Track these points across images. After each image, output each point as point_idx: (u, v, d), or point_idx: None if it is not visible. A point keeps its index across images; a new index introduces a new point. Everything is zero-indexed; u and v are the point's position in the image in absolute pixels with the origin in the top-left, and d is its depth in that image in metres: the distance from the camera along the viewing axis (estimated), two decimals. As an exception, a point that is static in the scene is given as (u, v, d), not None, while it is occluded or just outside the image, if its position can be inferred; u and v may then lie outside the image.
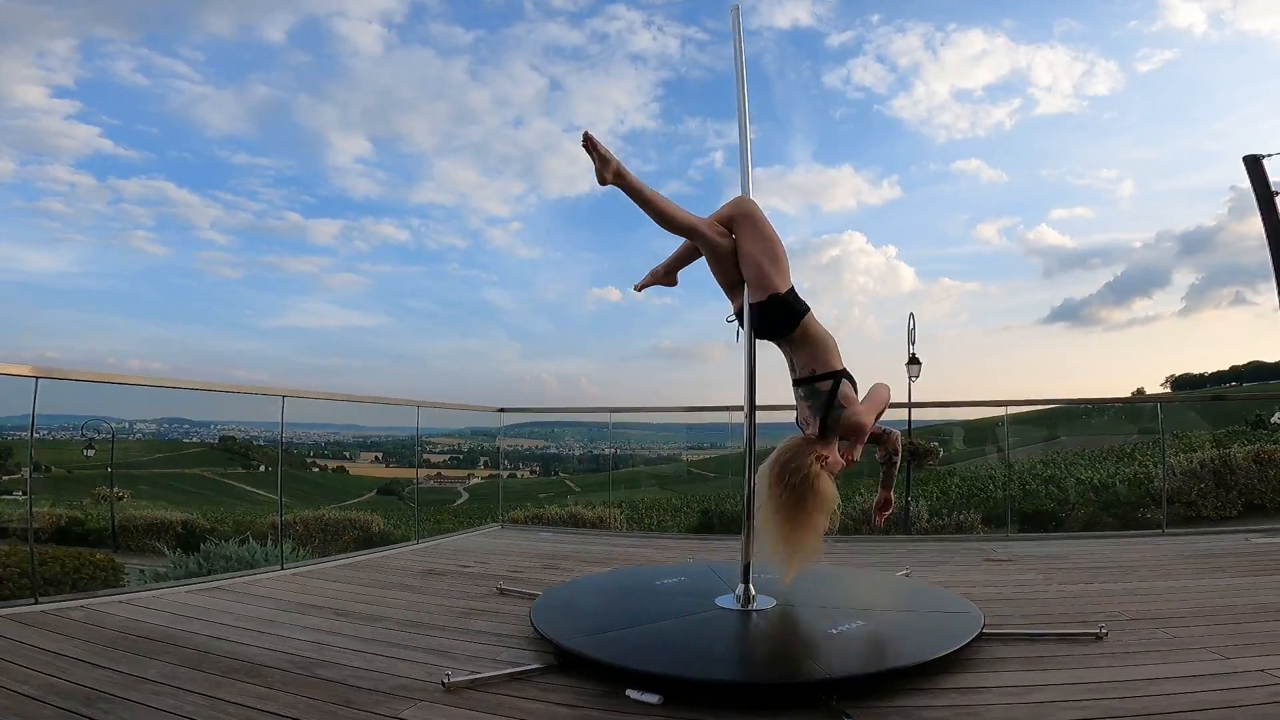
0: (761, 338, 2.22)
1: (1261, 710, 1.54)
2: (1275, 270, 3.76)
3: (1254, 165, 3.83)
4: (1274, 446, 8.52)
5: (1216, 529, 6.07)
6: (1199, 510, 7.72)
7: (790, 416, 2.28)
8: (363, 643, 2.15)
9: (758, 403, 2.37)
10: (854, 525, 6.92)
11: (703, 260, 2.29)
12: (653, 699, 1.67)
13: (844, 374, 2.11)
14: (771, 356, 2.27)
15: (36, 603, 2.48)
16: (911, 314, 12.53)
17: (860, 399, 2.13)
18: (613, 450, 7.15)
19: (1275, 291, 3.76)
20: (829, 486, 1.99)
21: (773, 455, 2.07)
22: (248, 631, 2.25)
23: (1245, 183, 3.97)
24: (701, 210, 2.24)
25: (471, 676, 1.82)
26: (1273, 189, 3.77)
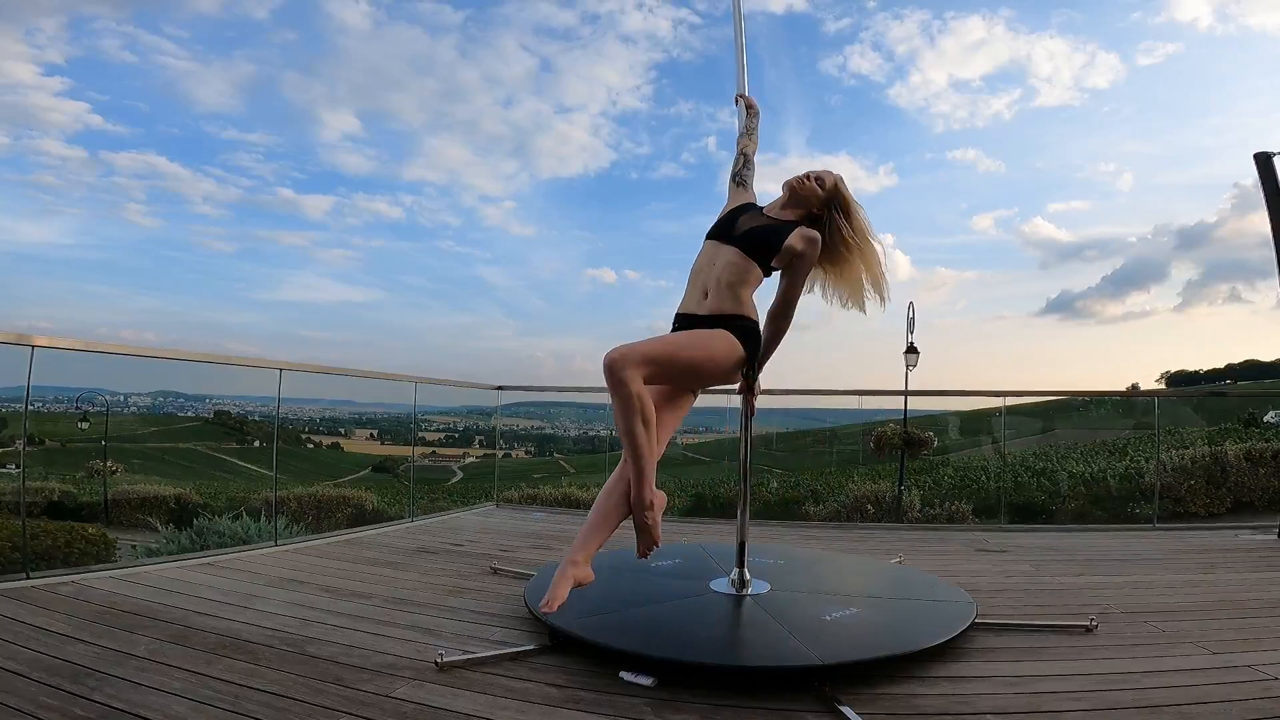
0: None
1: (1252, 705, 1.54)
2: (1280, 269, 3.73)
3: (1265, 163, 3.78)
4: (1265, 444, 8.59)
5: (1207, 524, 6.13)
6: (1187, 506, 7.79)
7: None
8: (353, 620, 2.14)
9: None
10: (846, 513, 6.96)
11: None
12: (646, 681, 1.67)
13: None
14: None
15: (28, 577, 2.46)
16: (911, 303, 12.45)
17: None
18: (609, 431, 7.13)
19: (1277, 290, 3.73)
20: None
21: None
22: (238, 608, 2.23)
23: (1250, 179, 3.91)
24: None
25: (465, 656, 1.81)
26: (1285, 188, 3.74)
